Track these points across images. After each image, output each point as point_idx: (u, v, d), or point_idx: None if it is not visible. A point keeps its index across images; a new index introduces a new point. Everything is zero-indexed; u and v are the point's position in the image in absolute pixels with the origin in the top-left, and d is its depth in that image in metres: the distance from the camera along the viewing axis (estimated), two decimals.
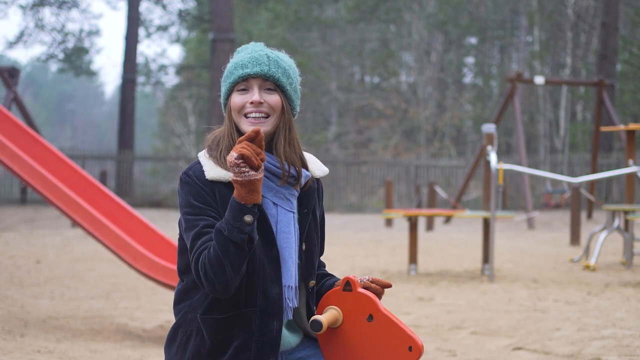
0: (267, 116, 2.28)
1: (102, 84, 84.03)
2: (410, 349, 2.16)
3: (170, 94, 39.59)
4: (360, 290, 2.24)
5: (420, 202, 18.49)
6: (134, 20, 28.51)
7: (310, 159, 2.43)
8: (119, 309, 6.84)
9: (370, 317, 2.22)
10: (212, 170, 2.26)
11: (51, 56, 33.22)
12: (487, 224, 9.11)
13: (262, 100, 2.27)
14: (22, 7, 31.62)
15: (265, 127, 2.27)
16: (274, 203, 2.30)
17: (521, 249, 12.12)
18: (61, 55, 33.26)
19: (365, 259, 10.79)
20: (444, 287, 8.05)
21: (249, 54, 2.32)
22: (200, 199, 2.24)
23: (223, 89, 2.34)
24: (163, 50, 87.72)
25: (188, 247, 2.24)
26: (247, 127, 2.27)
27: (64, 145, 46.73)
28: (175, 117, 37.17)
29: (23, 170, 6.15)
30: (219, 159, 2.28)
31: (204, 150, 2.36)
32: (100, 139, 71.38)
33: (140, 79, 36.00)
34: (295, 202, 2.33)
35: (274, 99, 2.29)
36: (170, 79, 39.52)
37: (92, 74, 35.59)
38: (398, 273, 9.23)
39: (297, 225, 2.33)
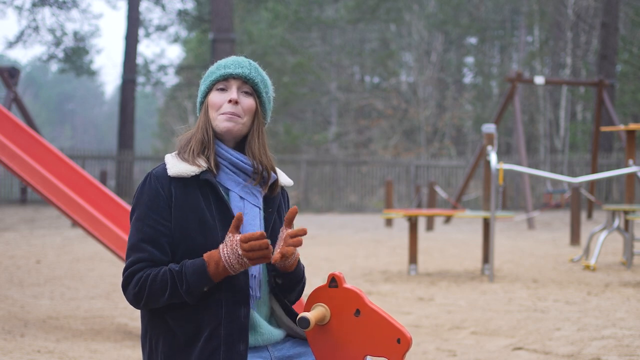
0: (241, 117, 2.36)
1: (102, 84, 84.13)
2: (398, 341, 2.17)
3: (170, 94, 39.61)
4: (346, 285, 2.26)
5: (420, 202, 18.49)
6: (134, 20, 28.50)
7: (278, 171, 2.52)
8: (119, 309, 6.84)
9: (358, 312, 2.23)
10: (175, 167, 2.33)
11: (51, 56, 33.21)
12: (487, 224, 9.11)
13: (238, 100, 2.35)
14: (18, 8, 31.60)
15: (236, 125, 2.36)
16: (240, 197, 2.36)
17: (521, 249, 12.12)
18: (61, 55, 33.26)
19: (365, 259, 10.79)
20: (444, 287, 8.05)
21: (232, 59, 2.42)
22: (150, 204, 2.30)
23: (202, 88, 2.42)
24: (162, 51, 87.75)
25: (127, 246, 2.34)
26: (221, 123, 2.35)
27: (64, 145, 46.73)
28: (175, 117, 37.20)
29: (23, 170, 6.15)
30: (186, 154, 2.35)
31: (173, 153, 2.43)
32: (100, 139, 71.43)
33: (140, 79, 36.00)
34: (260, 199, 2.40)
35: (249, 102, 2.38)
36: (170, 79, 39.56)
37: (92, 73, 35.59)
38: (398, 273, 9.23)
39: (262, 221, 2.39)
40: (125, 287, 2.28)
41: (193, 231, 2.28)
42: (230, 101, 2.35)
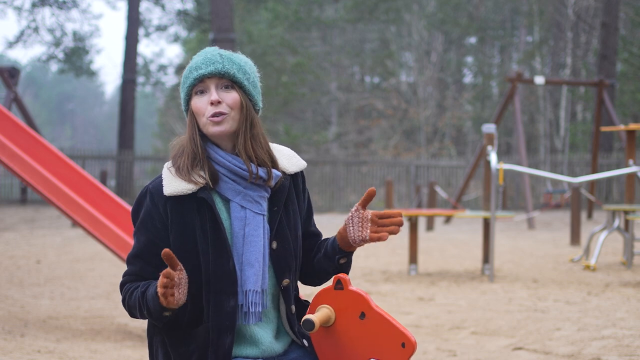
0: (228, 114, 2.26)
1: (102, 84, 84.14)
2: (403, 345, 2.16)
3: (170, 94, 39.59)
4: (352, 288, 2.24)
5: (420, 202, 18.49)
6: (134, 20, 28.50)
7: (285, 153, 2.41)
8: (119, 309, 6.83)
9: (363, 315, 2.22)
10: (170, 185, 2.25)
11: (51, 56, 33.21)
12: (487, 224, 9.11)
13: (220, 100, 2.25)
14: (17, 8, 31.61)
15: (226, 125, 2.26)
16: (241, 206, 2.27)
17: (521, 249, 12.12)
18: (61, 56, 33.25)
19: (365, 259, 10.79)
20: (444, 287, 8.05)
21: (202, 56, 2.30)
22: (148, 220, 2.27)
23: (182, 95, 2.32)
24: (161, 50, 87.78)
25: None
26: (210, 128, 2.26)
27: (64, 145, 46.72)
28: (175, 117, 37.18)
29: (23, 170, 6.15)
30: (182, 169, 2.26)
31: (170, 161, 2.34)
32: (100, 139, 71.43)
33: (140, 79, 35.99)
34: (265, 204, 2.30)
35: (232, 96, 2.26)
36: (170, 79, 39.56)
37: (92, 74, 35.58)
38: (398, 273, 9.23)
39: (267, 225, 2.30)
40: (121, 291, 2.35)
41: (187, 252, 2.23)
42: (212, 103, 2.24)
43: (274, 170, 2.32)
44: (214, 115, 2.25)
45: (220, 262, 2.23)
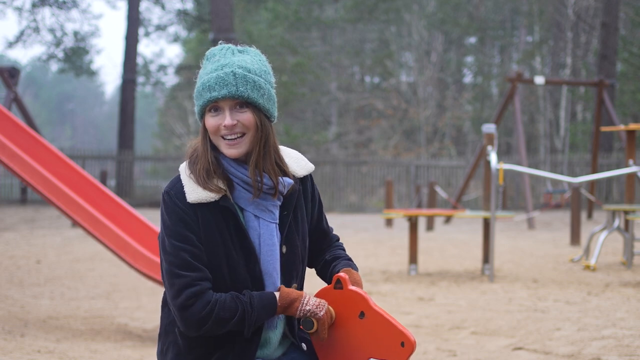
0: (243, 135, 2.25)
1: (102, 84, 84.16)
2: (402, 344, 2.17)
3: (170, 94, 39.61)
4: (351, 287, 2.25)
5: (420, 202, 18.48)
6: (134, 20, 28.49)
7: (294, 156, 2.41)
8: (119, 309, 6.84)
9: (362, 314, 2.23)
10: (193, 193, 2.24)
11: (51, 56, 33.20)
12: (487, 224, 9.11)
13: (234, 122, 2.23)
14: (17, 8, 31.62)
15: (241, 149, 2.26)
16: (255, 216, 2.29)
17: (521, 249, 12.12)
18: (61, 55, 33.25)
19: (365, 259, 10.79)
20: (444, 287, 8.05)
21: (215, 72, 2.26)
22: (183, 224, 2.23)
23: (196, 108, 2.31)
24: (161, 50, 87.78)
25: (168, 272, 2.22)
26: (225, 149, 2.26)
27: (64, 145, 46.73)
28: (175, 117, 37.20)
29: (23, 170, 6.15)
30: (199, 178, 2.26)
31: (185, 163, 2.33)
32: (100, 139, 71.43)
33: (140, 79, 35.98)
34: (277, 212, 2.32)
35: (247, 117, 2.24)
36: (170, 79, 39.57)
37: (92, 74, 35.58)
38: (398, 273, 9.23)
39: (279, 233, 2.32)
40: (187, 308, 2.19)
41: (219, 260, 2.24)
42: (225, 126, 2.23)
43: (286, 179, 2.33)
44: (229, 138, 2.25)
45: (249, 267, 2.27)
